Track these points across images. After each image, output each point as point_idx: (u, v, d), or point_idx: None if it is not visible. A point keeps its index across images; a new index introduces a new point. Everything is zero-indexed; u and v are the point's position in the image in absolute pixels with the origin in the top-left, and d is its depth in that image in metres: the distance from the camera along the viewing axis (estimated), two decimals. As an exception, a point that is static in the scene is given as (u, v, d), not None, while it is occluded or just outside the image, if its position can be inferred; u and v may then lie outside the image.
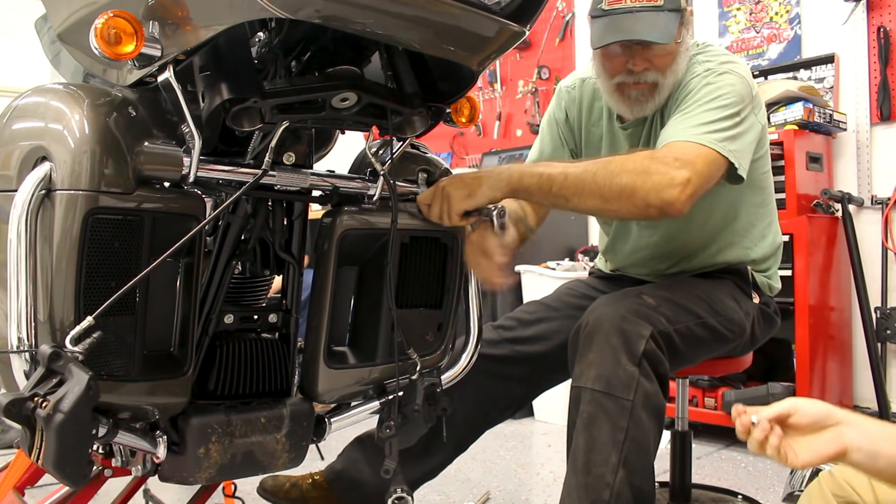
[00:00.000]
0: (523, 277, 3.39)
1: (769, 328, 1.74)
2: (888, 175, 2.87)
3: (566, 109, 1.79)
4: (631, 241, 1.76)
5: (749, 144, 1.50)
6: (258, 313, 1.21)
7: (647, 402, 1.35)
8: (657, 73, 1.54)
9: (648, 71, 1.54)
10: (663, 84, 1.55)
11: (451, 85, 1.18)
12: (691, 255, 1.70)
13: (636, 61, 1.53)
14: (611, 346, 1.36)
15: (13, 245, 0.94)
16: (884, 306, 2.81)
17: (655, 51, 1.52)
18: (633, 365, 1.35)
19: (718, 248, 1.69)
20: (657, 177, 1.31)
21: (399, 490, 1.21)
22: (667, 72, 1.55)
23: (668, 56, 1.53)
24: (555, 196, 1.32)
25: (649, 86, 1.56)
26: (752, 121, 1.51)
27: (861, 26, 2.93)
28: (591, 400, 1.36)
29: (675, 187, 1.31)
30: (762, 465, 2.68)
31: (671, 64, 1.54)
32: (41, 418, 0.86)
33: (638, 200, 1.30)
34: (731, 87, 1.49)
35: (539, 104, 4.05)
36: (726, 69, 1.53)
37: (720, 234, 1.68)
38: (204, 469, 1.10)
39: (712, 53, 1.60)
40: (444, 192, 1.26)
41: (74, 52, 1.15)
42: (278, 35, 1.11)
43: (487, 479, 2.53)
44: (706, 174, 1.38)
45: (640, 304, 1.44)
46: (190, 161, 1.03)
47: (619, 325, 1.37)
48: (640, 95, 1.57)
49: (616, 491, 1.30)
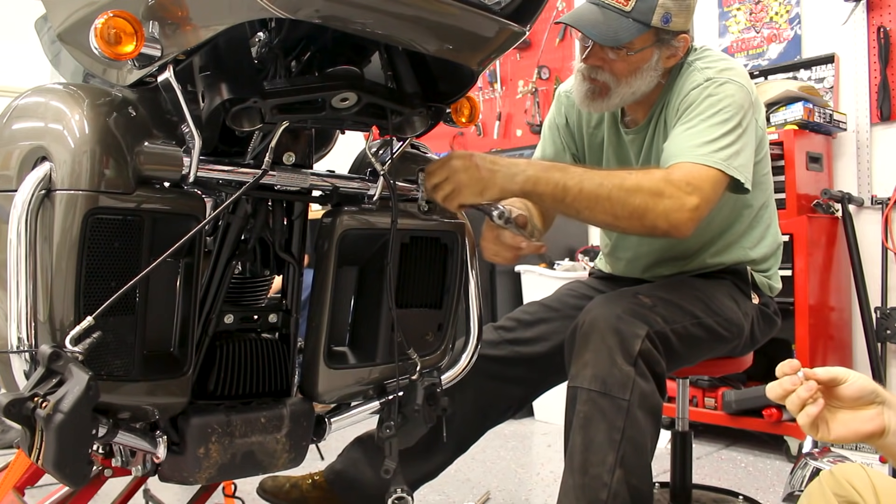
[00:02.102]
0: (523, 277, 3.39)
1: (769, 329, 1.74)
2: (888, 175, 2.87)
3: (566, 115, 1.80)
4: (632, 248, 1.77)
5: (751, 154, 1.51)
6: (258, 313, 1.21)
7: (643, 401, 1.35)
8: (611, 76, 1.56)
9: (601, 70, 1.56)
10: (615, 91, 1.56)
11: (451, 85, 1.18)
12: (692, 258, 1.71)
13: (589, 55, 1.56)
14: (606, 346, 1.36)
15: (13, 245, 0.94)
16: (884, 306, 2.81)
17: (609, 53, 1.54)
18: (628, 365, 1.35)
19: (718, 249, 1.70)
20: (669, 201, 1.34)
21: (399, 490, 1.21)
22: (621, 80, 1.55)
23: (622, 64, 1.54)
24: (566, 206, 1.33)
25: (600, 85, 1.57)
26: (753, 127, 1.52)
27: (861, 26, 2.92)
28: (588, 400, 1.36)
29: (685, 212, 1.34)
30: (762, 465, 2.68)
31: (627, 75, 1.55)
32: (41, 418, 0.86)
33: (647, 222, 1.34)
34: (732, 99, 1.49)
35: (539, 104, 4.05)
36: (726, 78, 1.52)
37: (721, 236, 1.69)
38: (204, 469, 1.10)
39: (710, 59, 1.59)
40: (457, 180, 1.24)
41: (74, 52, 1.15)
42: (278, 35, 1.11)
43: (487, 479, 2.53)
44: (714, 198, 1.41)
45: (636, 304, 1.45)
46: (190, 161, 1.03)
47: (615, 325, 1.38)
48: (590, 92, 1.59)
49: (613, 491, 1.30)
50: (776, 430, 2.70)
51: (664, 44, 1.55)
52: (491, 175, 1.27)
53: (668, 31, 1.53)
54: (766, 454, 2.78)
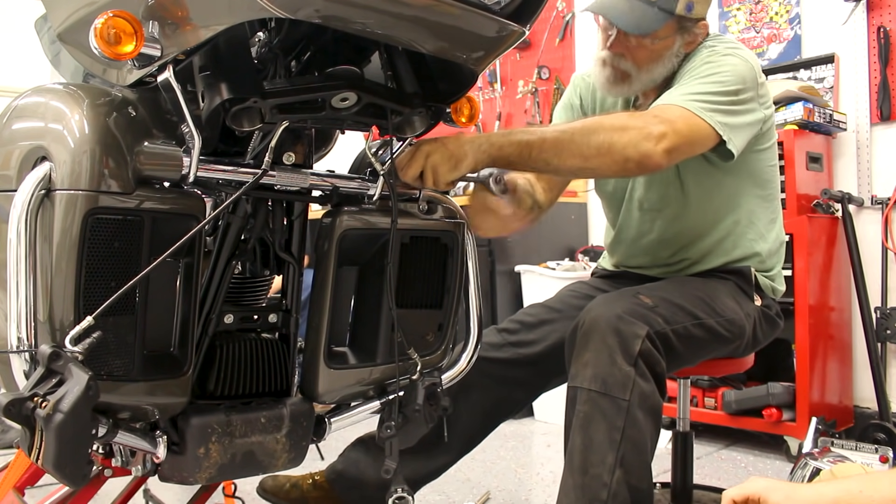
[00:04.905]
0: (523, 277, 3.39)
1: (772, 330, 1.73)
2: (888, 175, 2.87)
3: (581, 95, 1.82)
4: (634, 228, 1.76)
5: (746, 126, 1.50)
6: (258, 313, 1.21)
7: (643, 401, 1.35)
8: (632, 64, 1.58)
9: (623, 58, 1.59)
10: (637, 77, 1.60)
11: (451, 85, 1.18)
12: (693, 242, 1.69)
13: (613, 43, 1.58)
14: (607, 346, 1.36)
15: (13, 245, 0.94)
16: (884, 306, 2.81)
17: (633, 41, 1.56)
18: (629, 365, 1.35)
19: (720, 237, 1.68)
20: (634, 131, 1.33)
21: (399, 490, 1.21)
22: (642, 68, 1.58)
23: (644, 51, 1.57)
24: (535, 161, 1.32)
25: (621, 72, 1.60)
26: (753, 106, 1.52)
27: (861, 26, 2.92)
28: (588, 400, 1.36)
29: (651, 140, 1.33)
30: (762, 466, 2.68)
31: (648, 62, 1.58)
32: (41, 418, 0.86)
33: (616, 155, 1.32)
34: (733, 67, 1.50)
35: (539, 104, 4.05)
36: (730, 51, 1.54)
37: (722, 222, 1.67)
38: (204, 469, 1.10)
39: (721, 40, 1.62)
40: (431, 163, 1.24)
41: (74, 52, 1.15)
42: (278, 35, 1.11)
43: (487, 479, 2.53)
44: (685, 134, 1.39)
45: (636, 304, 1.44)
46: (190, 161, 1.02)
47: (615, 325, 1.37)
48: (611, 77, 1.61)
49: (613, 491, 1.30)
50: (776, 430, 2.71)
51: (686, 31, 1.58)
52: (459, 147, 1.25)
53: (691, 18, 1.56)
54: (766, 454, 2.79)
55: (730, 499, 0.99)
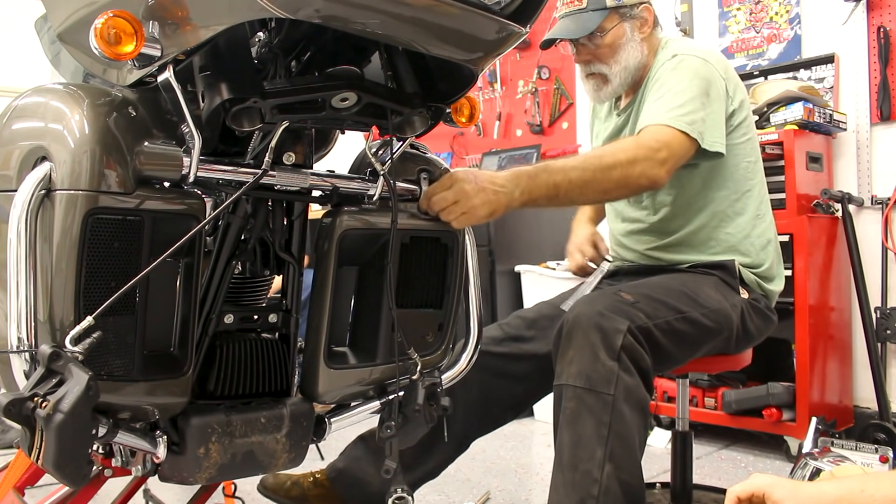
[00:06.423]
0: (523, 277, 3.39)
1: (764, 324, 1.74)
2: (888, 175, 2.87)
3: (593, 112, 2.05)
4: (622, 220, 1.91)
5: (718, 121, 1.66)
6: (258, 313, 1.21)
7: (628, 395, 1.37)
8: (602, 64, 1.79)
9: (593, 63, 1.80)
10: (612, 73, 1.79)
11: (451, 85, 1.18)
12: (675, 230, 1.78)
13: (580, 55, 1.82)
14: (589, 343, 1.38)
15: (13, 245, 0.94)
16: (884, 306, 2.81)
17: (590, 45, 1.78)
18: (611, 360, 1.37)
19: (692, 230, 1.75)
20: (645, 162, 1.52)
21: (399, 490, 1.21)
22: (611, 62, 1.78)
23: (604, 48, 1.77)
24: (561, 200, 1.43)
25: (600, 76, 1.81)
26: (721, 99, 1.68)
27: (861, 26, 2.92)
28: (573, 396, 1.37)
29: (657, 166, 1.54)
30: (762, 466, 2.68)
31: (613, 56, 1.78)
32: (41, 418, 0.86)
33: (632, 185, 1.53)
34: (696, 71, 1.67)
35: (539, 104, 4.05)
36: (691, 54, 1.71)
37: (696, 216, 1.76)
38: (204, 469, 1.10)
39: (682, 42, 1.84)
40: (470, 204, 1.27)
41: (74, 52, 1.15)
42: (278, 35, 1.11)
43: (487, 479, 2.53)
44: (679, 152, 1.59)
45: (617, 300, 1.48)
46: (190, 161, 1.02)
47: (597, 322, 1.40)
48: (595, 85, 1.83)
49: (604, 486, 1.31)
50: (776, 429, 2.71)
51: (630, 17, 1.78)
52: (496, 196, 1.32)
53: (626, 5, 1.77)
54: (766, 454, 2.79)
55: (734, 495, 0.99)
